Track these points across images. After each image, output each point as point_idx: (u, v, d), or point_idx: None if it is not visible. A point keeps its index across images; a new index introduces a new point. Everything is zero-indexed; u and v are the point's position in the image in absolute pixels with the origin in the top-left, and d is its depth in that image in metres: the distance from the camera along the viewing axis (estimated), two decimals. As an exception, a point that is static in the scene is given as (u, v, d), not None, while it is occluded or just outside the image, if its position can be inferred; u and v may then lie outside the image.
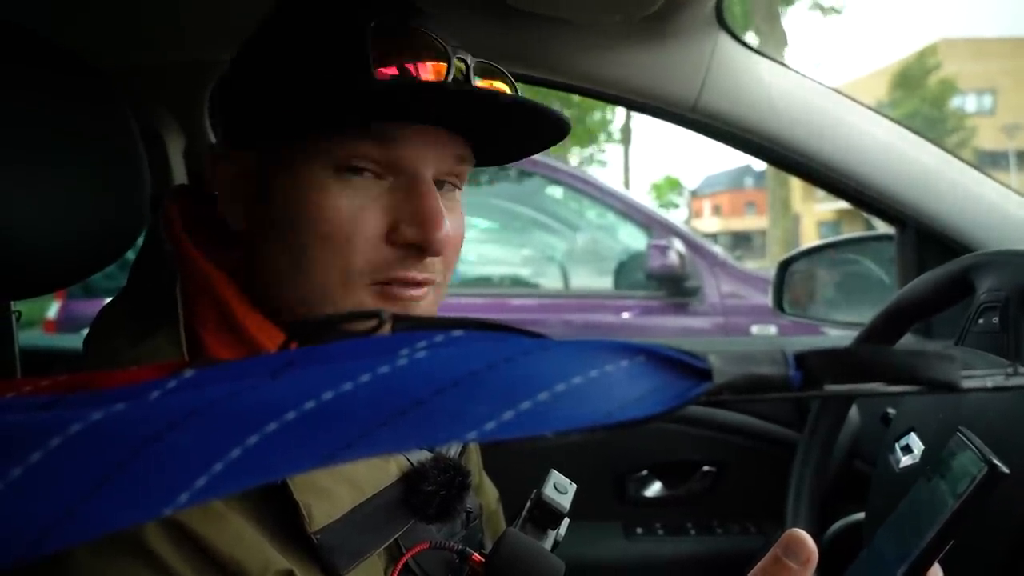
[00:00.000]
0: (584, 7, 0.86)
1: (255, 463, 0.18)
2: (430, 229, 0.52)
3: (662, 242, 3.08)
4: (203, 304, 0.53)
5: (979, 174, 1.07)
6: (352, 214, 0.51)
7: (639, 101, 1.02)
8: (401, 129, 0.52)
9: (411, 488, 0.55)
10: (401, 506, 0.54)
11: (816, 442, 0.94)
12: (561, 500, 0.65)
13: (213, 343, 0.52)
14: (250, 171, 0.55)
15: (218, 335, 0.52)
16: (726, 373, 0.22)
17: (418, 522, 0.56)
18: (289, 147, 0.53)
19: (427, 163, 0.53)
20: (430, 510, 0.55)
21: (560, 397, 0.20)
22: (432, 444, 0.20)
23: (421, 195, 0.52)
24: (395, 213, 0.52)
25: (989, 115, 28.10)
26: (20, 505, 0.17)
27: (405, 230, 0.52)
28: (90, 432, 0.18)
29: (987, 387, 0.24)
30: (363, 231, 0.51)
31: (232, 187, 0.56)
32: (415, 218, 0.52)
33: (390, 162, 0.52)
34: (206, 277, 0.53)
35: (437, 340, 0.21)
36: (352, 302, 0.53)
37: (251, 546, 0.45)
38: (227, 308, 0.52)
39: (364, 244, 0.52)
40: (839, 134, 1.03)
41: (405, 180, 0.53)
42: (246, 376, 0.20)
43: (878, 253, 1.34)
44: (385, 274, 0.53)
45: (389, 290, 0.53)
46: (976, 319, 0.76)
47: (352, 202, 0.51)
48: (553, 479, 0.67)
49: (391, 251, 0.52)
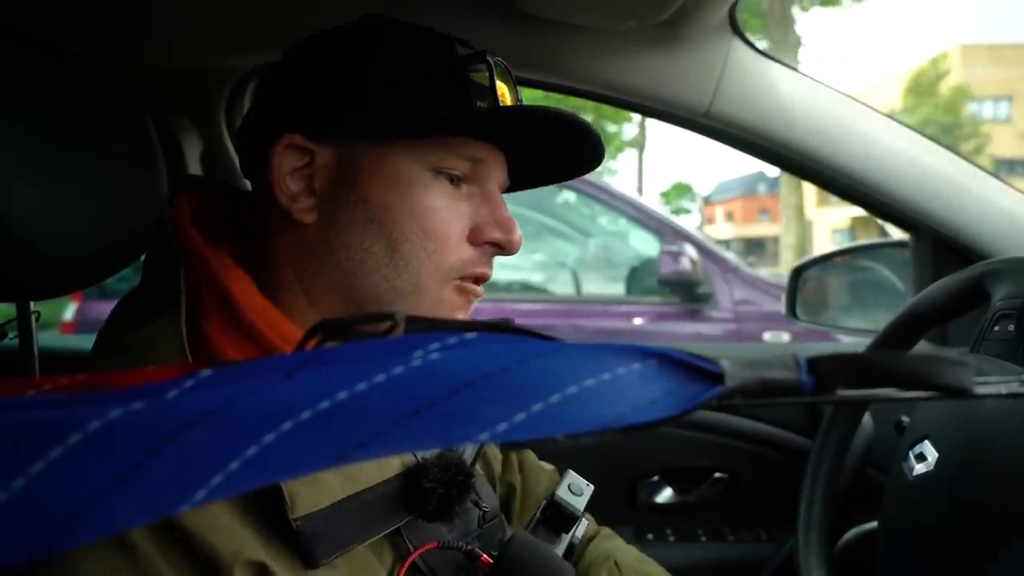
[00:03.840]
0: (597, 13, 0.86)
1: (271, 461, 0.18)
2: (512, 231, 0.60)
3: (674, 248, 3.07)
4: (206, 293, 0.53)
5: (995, 181, 1.06)
6: (448, 213, 0.57)
7: (652, 107, 1.02)
8: (489, 150, 0.59)
9: (410, 484, 0.55)
10: (398, 502, 0.54)
11: (829, 449, 0.93)
12: (575, 502, 0.65)
13: (215, 333, 0.52)
14: (328, 164, 0.56)
15: (220, 325, 0.52)
16: (738, 377, 0.22)
17: (419, 520, 0.55)
18: (382, 144, 0.56)
19: (496, 178, 0.61)
20: (428, 507, 0.55)
21: (572, 399, 0.20)
22: (445, 445, 0.20)
23: (500, 204, 0.60)
24: (475, 217, 0.59)
25: (1006, 122, 27.84)
26: (42, 500, 0.17)
27: (490, 232, 0.59)
28: (109, 429, 0.18)
29: (1001, 393, 0.23)
30: (456, 230, 0.57)
31: (297, 179, 0.57)
32: (498, 222, 0.59)
33: (472, 175, 0.59)
34: (209, 267, 0.54)
35: (450, 342, 0.21)
36: (437, 295, 0.57)
37: (226, 532, 0.44)
38: (230, 298, 0.53)
39: (456, 241, 0.57)
40: (853, 140, 1.03)
41: (480, 190, 0.60)
42: (262, 376, 0.20)
43: (892, 260, 1.33)
44: (469, 270, 0.58)
45: (465, 285, 0.59)
46: (991, 327, 0.75)
47: (448, 203, 0.57)
48: (568, 480, 0.67)
49: (472, 250, 0.58)
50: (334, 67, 0.57)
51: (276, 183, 0.56)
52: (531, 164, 0.64)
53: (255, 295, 0.54)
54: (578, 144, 0.61)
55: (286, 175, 0.56)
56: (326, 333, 0.23)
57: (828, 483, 0.93)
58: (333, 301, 0.57)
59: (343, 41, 0.58)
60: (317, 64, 0.58)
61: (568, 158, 0.64)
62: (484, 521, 0.64)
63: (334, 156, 0.56)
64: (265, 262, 0.59)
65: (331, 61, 0.57)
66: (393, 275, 0.56)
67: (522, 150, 0.62)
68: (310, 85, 0.57)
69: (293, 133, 0.56)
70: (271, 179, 0.56)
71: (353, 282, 0.56)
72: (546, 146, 0.62)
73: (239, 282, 0.54)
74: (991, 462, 0.63)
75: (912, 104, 25.09)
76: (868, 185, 1.04)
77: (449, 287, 0.58)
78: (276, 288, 0.58)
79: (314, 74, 0.57)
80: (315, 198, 0.57)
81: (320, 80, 0.57)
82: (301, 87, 0.58)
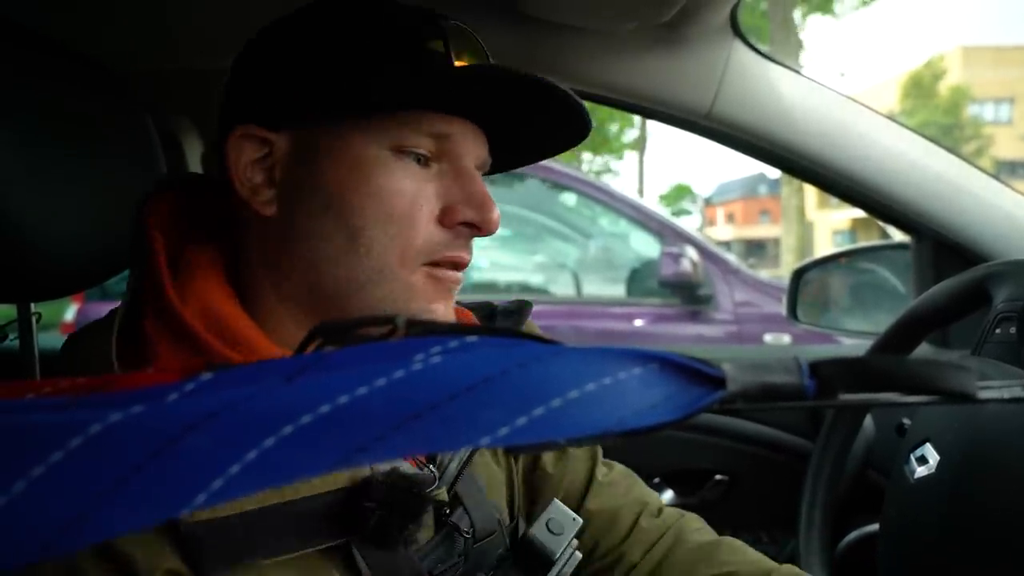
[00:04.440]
0: (599, 15, 0.86)
1: (271, 466, 0.18)
2: (487, 210, 0.54)
3: (675, 250, 3.07)
4: (147, 292, 0.51)
5: (996, 183, 1.06)
6: (413, 194, 0.53)
7: (653, 108, 1.02)
8: (456, 124, 0.54)
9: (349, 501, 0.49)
10: (333, 520, 0.49)
11: (830, 452, 0.93)
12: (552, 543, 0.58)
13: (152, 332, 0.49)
14: (285, 153, 0.54)
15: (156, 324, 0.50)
16: (740, 381, 0.22)
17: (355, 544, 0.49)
18: (338, 127, 0.52)
19: (471, 156, 0.56)
20: (363, 530, 0.49)
21: (573, 403, 0.20)
22: (446, 449, 0.20)
23: (473, 180, 0.55)
24: (447, 196, 0.54)
25: (1007, 124, 27.83)
26: (40, 504, 0.17)
27: (463, 211, 0.54)
28: (110, 433, 0.18)
29: (1004, 398, 0.23)
30: (422, 211, 0.53)
31: (257, 171, 0.54)
32: (471, 201, 0.54)
33: (440, 151, 0.54)
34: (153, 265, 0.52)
35: (452, 345, 0.21)
36: (405, 282, 0.53)
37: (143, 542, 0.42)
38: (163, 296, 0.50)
39: (423, 224, 0.53)
40: (854, 142, 1.03)
41: (452, 167, 0.55)
42: (262, 379, 0.20)
43: (893, 262, 1.33)
44: (440, 254, 0.54)
45: (439, 272, 0.55)
46: (993, 329, 0.75)
47: (411, 183, 0.53)
48: (550, 515, 0.60)
49: (444, 233, 0.54)
50: (283, 52, 0.55)
51: (235, 176, 0.54)
52: (512, 139, 0.59)
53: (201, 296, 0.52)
54: (556, 111, 0.56)
55: (246, 167, 0.54)
56: (326, 336, 0.23)
57: (829, 485, 0.93)
58: (300, 296, 0.55)
59: (292, 25, 0.56)
60: (268, 51, 0.56)
61: (548, 128, 0.59)
62: (474, 541, 0.58)
63: (291, 144, 0.54)
64: (240, 260, 0.57)
65: (280, 46, 0.55)
66: (355, 264, 0.52)
67: (494, 122, 0.57)
68: (262, 72, 0.55)
69: (247, 123, 0.54)
70: (230, 172, 0.54)
71: (316, 274, 0.53)
72: (520, 116, 0.56)
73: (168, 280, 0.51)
74: (993, 465, 0.63)
75: (912, 106, 25.10)
76: (869, 187, 1.04)
77: (419, 274, 0.54)
78: (250, 286, 0.56)
79: (265, 60, 0.55)
80: (276, 189, 0.54)
81: (271, 66, 0.55)
82: (254, 75, 0.56)
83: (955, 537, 0.64)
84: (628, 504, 0.73)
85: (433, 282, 0.55)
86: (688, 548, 0.69)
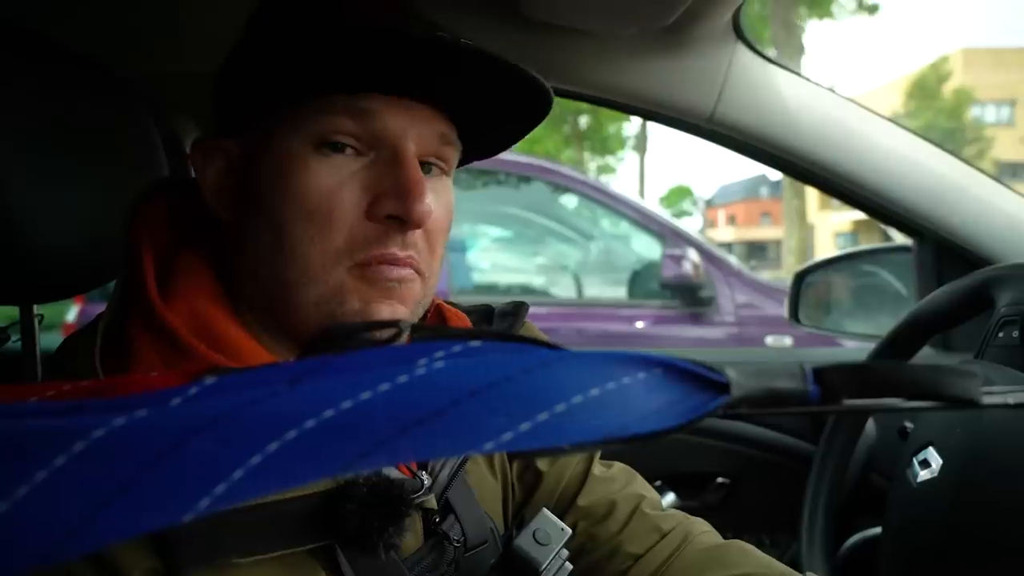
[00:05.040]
0: (601, 18, 0.86)
1: (275, 470, 0.18)
2: (411, 199, 0.50)
3: (677, 251, 3.07)
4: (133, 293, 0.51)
5: (999, 185, 1.06)
6: (332, 190, 0.50)
7: (656, 111, 1.02)
8: (380, 102, 0.51)
9: (330, 504, 0.48)
10: (312, 521, 0.48)
11: (832, 455, 0.93)
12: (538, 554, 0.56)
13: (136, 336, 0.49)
14: (236, 159, 0.55)
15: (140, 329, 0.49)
16: (744, 387, 0.22)
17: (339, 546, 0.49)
18: (269, 129, 0.52)
19: (408, 138, 0.52)
20: (344, 533, 0.48)
21: (577, 409, 0.20)
22: (450, 454, 0.20)
23: (401, 166, 0.51)
24: (376, 188, 0.51)
25: (1009, 126, 27.81)
26: (43, 509, 0.17)
27: (385, 202, 0.50)
28: (113, 438, 0.18)
29: (1008, 404, 0.23)
30: (343, 206, 0.50)
31: (219, 178, 0.55)
32: (396, 190, 0.50)
33: (370, 137, 0.51)
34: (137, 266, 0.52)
35: (455, 350, 0.21)
36: (333, 282, 0.51)
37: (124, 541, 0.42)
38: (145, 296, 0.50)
39: (344, 220, 0.50)
40: (856, 145, 1.03)
41: (386, 154, 0.51)
42: (266, 384, 0.20)
43: (895, 265, 1.33)
44: (366, 252, 0.51)
45: (370, 271, 0.51)
46: (996, 333, 0.75)
47: (332, 178, 0.50)
48: (536, 524, 0.59)
49: (372, 227, 0.51)
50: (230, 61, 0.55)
51: (201, 184, 0.55)
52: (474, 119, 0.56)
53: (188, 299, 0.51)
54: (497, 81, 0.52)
55: (211, 175, 0.55)
56: (331, 340, 0.23)
57: (831, 489, 0.92)
58: (259, 299, 0.54)
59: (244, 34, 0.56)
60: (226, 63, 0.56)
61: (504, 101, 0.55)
62: (465, 550, 0.57)
63: (240, 150, 0.55)
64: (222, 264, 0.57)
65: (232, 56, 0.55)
66: (282, 267, 0.51)
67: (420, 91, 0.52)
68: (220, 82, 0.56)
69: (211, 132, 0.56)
70: (198, 182, 0.56)
71: (258, 277, 0.53)
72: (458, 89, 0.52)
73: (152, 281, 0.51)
74: (995, 469, 0.63)
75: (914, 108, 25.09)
76: (871, 190, 1.04)
77: (345, 274, 0.51)
78: (233, 291, 0.55)
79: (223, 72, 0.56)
80: (231, 195, 0.55)
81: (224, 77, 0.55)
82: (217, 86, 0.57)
83: (957, 540, 0.64)
84: (626, 496, 0.71)
85: (365, 282, 0.51)
86: (697, 549, 0.68)
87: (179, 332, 0.48)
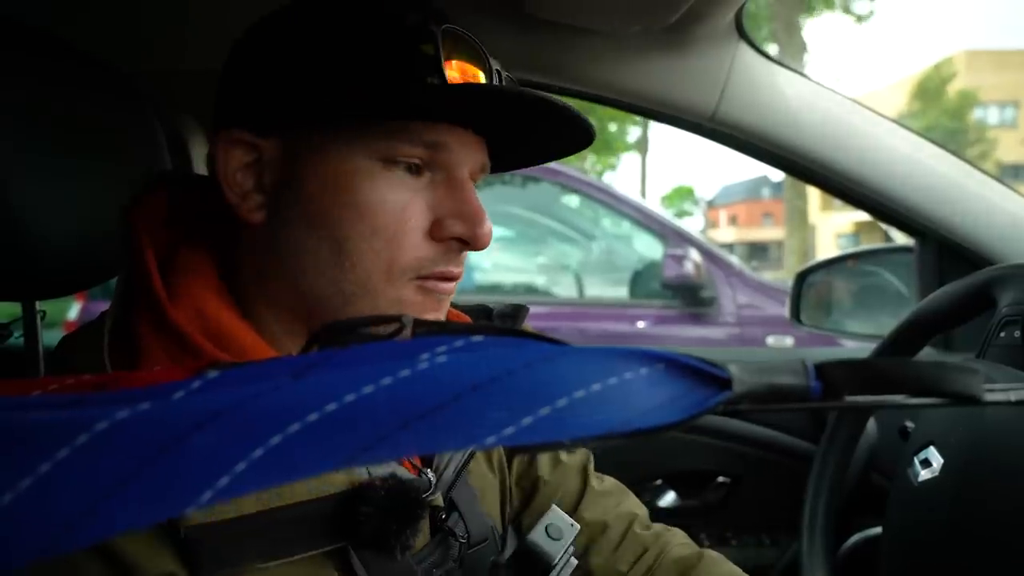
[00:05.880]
0: (604, 17, 0.86)
1: (277, 463, 0.18)
2: (477, 224, 0.52)
3: (678, 252, 3.07)
4: (138, 292, 0.50)
5: (1001, 186, 1.06)
6: (399, 208, 0.51)
7: (658, 110, 1.02)
8: (448, 133, 0.52)
9: (346, 506, 0.49)
10: (329, 524, 0.48)
11: (833, 454, 0.93)
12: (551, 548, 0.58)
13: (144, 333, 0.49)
14: (273, 159, 0.52)
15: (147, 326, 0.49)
16: (746, 382, 0.22)
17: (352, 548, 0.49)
18: (325, 134, 0.50)
19: (465, 165, 0.54)
20: (361, 535, 0.48)
21: (579, 403, 0.20)
22: (452, 448, 0.20)
23: (466, 192, 0.53)
24: (437, 210, 0.52)
25: (1011, 127, 27.77)
26: (47, 500, 0.17)
27: (453, 226, 0.52)
28: (116, 430, 0.18)
29: (1010, 400, 0.23)
30: (409, 225, 0.51)
31: (247, 176, 0.53)
32: (461, 214, 0.52)
33: (433, 158, 0.52)
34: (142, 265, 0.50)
35: (457, 345, 0.21)
36: (393, 296, 0.52)
37: (145, 544, 0.42)
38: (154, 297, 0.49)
39: (411, 239, 0.51)
40: (859, 145, 1.03)
41: (445, 177, 0.53)
42: (269, 377, 0.20)
43: (897, 265, 1.33)
44: (428, 269, 0.52)
45: (428, 284, 0.53)
46: (998, 333, 0.75)
47: (398, 196, 0.51)
48: (548, 520, 0.60)
49: (433, 247, 0.52)
50: (269, 53, 0.52)
51: (224, 181, 0.52)
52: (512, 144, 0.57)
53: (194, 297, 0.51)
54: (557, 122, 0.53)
55: (235, 172, 0.52)
56: (333, 335, 0.23)
57: (832, 488, 0.92)
58: (287, 302, 0.54)
59: (279, 24, 0.53)
60: (255, 51, 0.54)
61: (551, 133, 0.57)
62: (468, 547, 0.58)
63: (279, 150, 0.52)
64: (232, 263, 0.55)
65: (266, 46, 0.53)
66: (340, 277, 0.51)
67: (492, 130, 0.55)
68: (250, 75, 0.53)
69: (235, 128, 0.52)
70: (219, 177, 0.53)
71: (302, 285, 0.52)
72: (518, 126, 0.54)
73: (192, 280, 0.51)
74: (996, 468, 0.63)
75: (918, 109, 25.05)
76: (873, 190, 1.04)
77: (407, 288, 0.52)
78: (241, 290, 0.55)
79: (252, 62, 0.53)
80: (264, 196, 0.52)
81: (257, 69, 0.53)
82: (242, 77, 0.54)
83: (958, 540, 0.64)
84: (620, 515, 0.73)
85: (423, 294, 0.53)
86: (671, 560, 0.70)
87: (189, 334, 0.48)
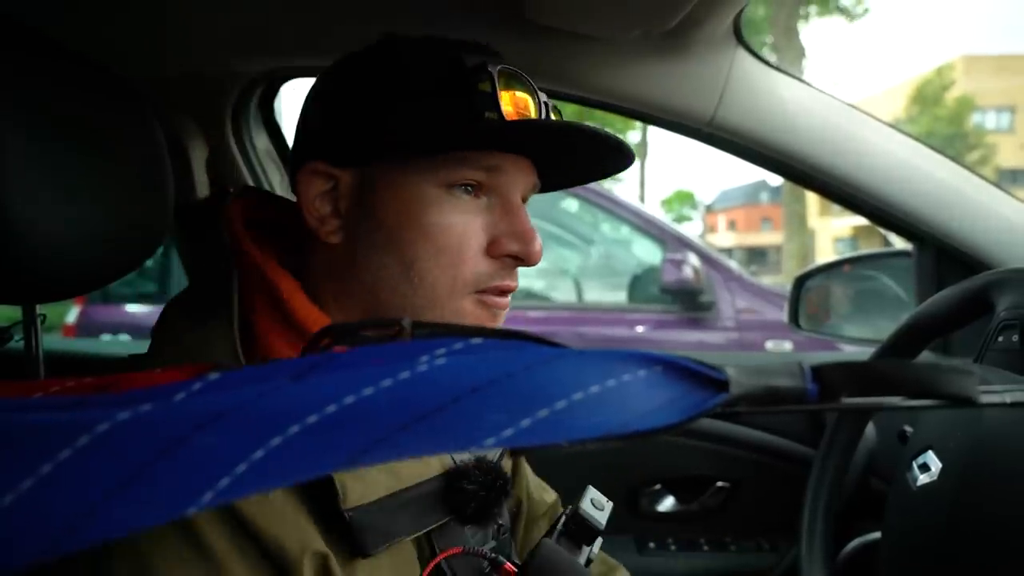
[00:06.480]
0: (603, 23, 0.87)
1: (278, 465, 0.18)
2: (530, 243, 0.59)
3: (677, 256, 3.07)
4: (258, 296, 0.56)
5: (999, 191, 1.06)
6: (462, 229, 0.57)
7: (657, 116, 1.02)
8: (504, 159, 0.59)
9: (451, 485, 0.58)
10: (438, 501, 0.57)
11: (832, 459, 0.93)
12: (598, 516, 0.65)
13: (268, 332, 0.55)
14: (351, 188, 0.59)
15: (272, 324, 0.55)
16: (743, 384, 0.22)
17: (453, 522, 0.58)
18: (395, 165, 0.57)
19: (518, 187, 0.61)
20: (468, 510, 0.58)
21: (577, 406, 0.20)
22: (450, 450, 0.20)
23: (519, 215, 0.60)
24: (493, 230, 0.59)
25: (1009, 132, 27.82)
26: (48, 501, 0.17)
27: (508, 244, 0.58)
28: (117, 432, 0.18)
29: (1006, 403, 0.23)
30: (471, 244, 0.58)
31: (325, 203, 0.59)
32: (516, 234, 0.59)
33: (490, 182, 0.59)
34: (261, 270, 0.57)
35: (456, 347, 0.21)
36: (454, 307, 0.58)
37: (292, 525, 0.47)
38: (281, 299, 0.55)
39: (471, 256, 0.58)
40: (857, 149, 1.03)
41: (500, 200, 0.60)
42: (270, 379, 0.20)
43: (895, 269, 1.33)
44: (486, 283, 0.59)
45: (486, 298, 0.59)
46: (995, 337, 0.75)
47: (460, 218, 0.57)
48: (590, 495, 0.67)
49: (491, 263, 0.59)
50: (346, 93, 0.59)
51: (305, 207, 0.59)
52: (559, 167, 0.64)
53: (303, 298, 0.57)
54: (600, 148, 0.61)
55: (314, 199, 0.59)
56: (334, 337, 0.23)
57: (831, 493, 0.92)
58: (359, 313, 0.60)
59: (354, 67, 0.60)
60: (333, 91, 0.60)
61: (593, 160, 0.64)
62: (500, 533, 0.65)
63: (354, 180, 0.59)
64: (306, 273, 0.61)
65: (344, 87, 0.60)
66: (410, 292, 0.57)
67: (543, 155, 0.62)
68: (327, 112, 0.60)
69: (315, 160, 0.59)
70: (300, 203, 0.60)
71: (375, 299, 0.59)
72: (565, 152, 0.62)
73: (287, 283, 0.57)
74: (995, 472, 0.63)
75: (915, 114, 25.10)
76: (871, 195, 1.04)
77: (468, 301, 0.59)
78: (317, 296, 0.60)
79: (331, 101, 0.60)
80: (340, 220, 0.59)
81: (333, 107, 0.60)
82: (320, 114, 0.61)
83: (957, 545, 0.64)
84: None
85: (482, 307, 0.59)
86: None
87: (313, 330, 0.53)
